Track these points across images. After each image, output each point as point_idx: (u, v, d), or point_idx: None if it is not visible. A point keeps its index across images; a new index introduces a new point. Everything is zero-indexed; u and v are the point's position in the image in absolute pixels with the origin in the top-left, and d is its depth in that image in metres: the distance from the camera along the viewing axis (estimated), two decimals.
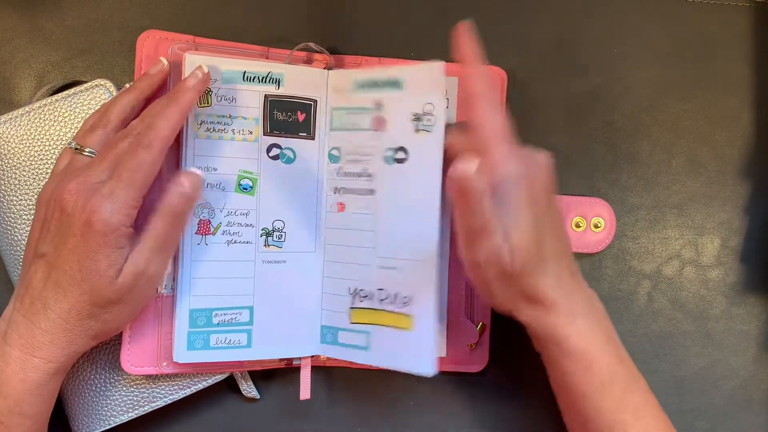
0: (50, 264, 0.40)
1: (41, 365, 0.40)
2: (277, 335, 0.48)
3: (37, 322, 0.40)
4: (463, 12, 0.52)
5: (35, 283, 0.41)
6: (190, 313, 0.46)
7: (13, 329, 0.41)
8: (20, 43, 0.50)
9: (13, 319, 0.41)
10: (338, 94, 0.48)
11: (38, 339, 0.40)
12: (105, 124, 0.43)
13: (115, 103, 0.44)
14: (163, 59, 0.45)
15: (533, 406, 0.52)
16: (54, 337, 0.40)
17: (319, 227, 0.48)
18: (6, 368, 0.40)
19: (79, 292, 0.40)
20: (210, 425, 0.51)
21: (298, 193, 0.48)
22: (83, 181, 0.40)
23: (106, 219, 0.39)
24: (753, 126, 0.53)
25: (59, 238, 0.40)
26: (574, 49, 0.53)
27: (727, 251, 0.53)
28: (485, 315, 0.51)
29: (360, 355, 0.47)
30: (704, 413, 0.52)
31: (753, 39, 0.53)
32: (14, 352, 0.40)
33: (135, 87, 0.45)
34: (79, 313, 0.40)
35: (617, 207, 0.53)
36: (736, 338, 0.53)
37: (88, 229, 0.39)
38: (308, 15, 0.52)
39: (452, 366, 0.51)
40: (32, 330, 0.40)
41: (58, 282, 0.40)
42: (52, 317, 0.40)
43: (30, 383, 0.40)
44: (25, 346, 0.40)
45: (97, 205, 0.39)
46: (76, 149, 0.43)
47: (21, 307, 0.41)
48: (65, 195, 0.40)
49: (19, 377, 0.40)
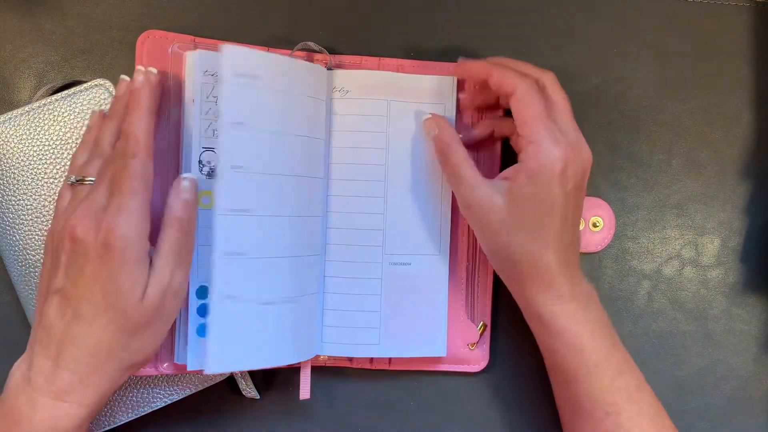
0: (68, 297, 0.39)
1: (72, 411, 0.38)
2: None
3: (63, 363, 0.38)
4: (462, 12, 0.52)
5: (54, 322, 0.39)
6: None
7: (37, 374, 0.38)
8: (20, 43, 0.50)
9: (36, 362, 0.38)
10: (342, 95, 0.48)
11: (66, 381, 0.38)
12: (101, 153, 0.43)
13: (104, 131, 0.44)
14: (124, 76, 0.45)
15: (533, 406, 0.52)
16: (83, 378, 0.38)
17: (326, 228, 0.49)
18: (33, 416, 0.37)
19: (105, 321, 0.38)
20: (210, 425, 0.51)
21: None
22: (87, 207, 0.39)
23: (124, 234, 0.38)
24: (753, 126, 0.53)
25: (74, 269, 0.39)
26: (574, 49, 0.53)
27: (727, 251, 0.53)
28: (485, 315, 0.51)
29: (372, 350, 0.48)
30: (704, 413, 0.52)
31: (753, 39, 0.53)
32: (42, 399, 0.37)
33: (113, 111, 0.45)
34: (108, 345, 0.38)
35: (617, 207, 0.53)
36: (736, 338, 0.53)
37: (106, 251, 0.38)
38: (308, 15, 0.52)
39: (452, 366, 0.51)
40: (59, 373, 0.38)
41: (80, 315, 0.38)
42: (79, 355, 0.38)
43: (60, 431, 0.38)
44: (54, 391, 0.38)
45: (110, 223, 0.38)
46: (76, 182, 0.43)
47: (42, 350, 0.38)
48: (72, 223, 0.39)
49: (48, 425, 0.37)
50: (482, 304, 0.50)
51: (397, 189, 0.48)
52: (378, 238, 0.48)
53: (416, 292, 0.49)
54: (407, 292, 0.49)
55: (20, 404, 0.38)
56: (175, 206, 0.41)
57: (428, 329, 0.49)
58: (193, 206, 0.42)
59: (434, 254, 0.49)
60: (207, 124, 0.45)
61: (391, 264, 0.48)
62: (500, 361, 0.52)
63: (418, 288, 0.49)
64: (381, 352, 0.48)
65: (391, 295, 0.48)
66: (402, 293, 0.48)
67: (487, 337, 0.51)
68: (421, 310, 0.49)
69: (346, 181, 0.48)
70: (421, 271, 0.49)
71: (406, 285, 0.48)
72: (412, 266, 0.48)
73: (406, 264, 0.48)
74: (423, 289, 0.49)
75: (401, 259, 0.48)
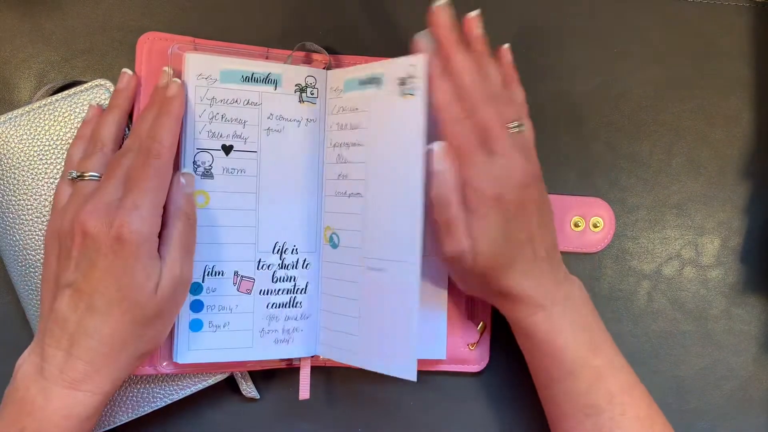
0: (80, 291, 0.39)
1: (87, 399, 0.39)
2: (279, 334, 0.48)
3: (76, 354, 0.38)
4: (462, 12, 0.52)
5: (67, 314, 0.39)
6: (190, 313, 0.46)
7: (51, 364, 0.39)
8: (20, 43, 0.50)
9: (48, 353, 0.39)
10: (335, 94, 0.48)
11: (80, 370, 0.38)
12: (101, 147, 0.44)
13: (102, 126, 0.45)
14: (127, 70, 0.46)
15: (533, 406, 0.52)
16: (97, 367, 0.39)
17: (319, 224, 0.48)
18: (47, 405, 0.38)
19: (119, 312, 0.39)
20: (210, 425, 0.51)
21: None
22: (99, 201, 0.40)
23: (138, 229, 0.39)
24: (753, 126, 0.53)
25: (86, 263, 0.39)
26: (574, 49, 0.53)
27: (727, 251, 0.53)
28: (485, 315, 0.51)
29: (351, 357, 0.47)
30: (704, 413, 0.52)
31: (753, 39, 0.53)
32: (56, 389, 0.38)
33: (113, 106, 0.46)
34: (122, 336, 0.39)
35: (617, 207, 0.53)
36: (736, 338, 0.53)
37: (120, 245, 0.38)
38: (308, 15, 0.52)
39: (452, 366, 0.51)
40: (73, 363, 0.38)
41: (94, 308, 0.39)
42: (94, 345, 0.38)
43: (74, 419, 0.38)
44: (68, 380, 0.38)
45: (124, 218, 0.39)
46: (77, 177, 0.43)
47: (53, 342, 0.39)
48: (84, 218, 0.39)
49: (62, 414, 0.38)
50: (482, 304, 0.50)
51: (376, 188, 0.45)
52: (357, 240, 0.46)
53: (388, 302, 0.44)
54: (380, 300, 0.45)
55: (32, 394, 0.38)
56: (181, 200, 0.42)
57: (397, 345, 0.44)
58: (193, 200, 0.44)
59: (407, 261, 0.43)
60: (201, 126, 0.45)
61: (369, 269, 0.45)
62: (500, 361, 0.52)
63: (391, 298, 0.44)
64: (357, 361, 0.46)
65: (368, 302, 0.45)
66: (376, 302, 0.45)
67: (487, 337, 0.51)
68: (391, 322, 0.44)
69: (338, 181, 0.48)
70: (394, 279, 0.44)
71: (379, 293, 0.45)
72: (385, 272, 0.44)
73: (380, 270, 0.44)
74: (394, 300, 0.44)
75: (377, 264, 0.45)
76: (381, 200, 0.45)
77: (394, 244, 0.44)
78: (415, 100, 0.43)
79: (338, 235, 0.47)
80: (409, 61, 0.43)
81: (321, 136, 0.48)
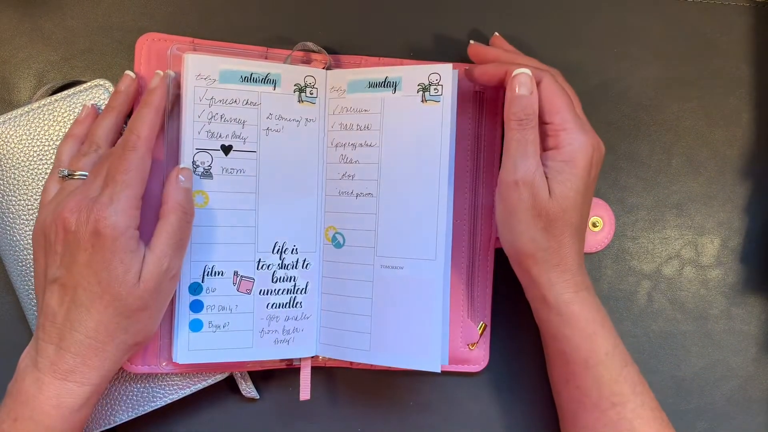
0: (65, 285, 0.40)
1: (75, 389, 0.40)
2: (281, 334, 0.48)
3: (65, 346, 0.40)
4: (462, 12, 0.52)
5: (54, 309, 0.40)
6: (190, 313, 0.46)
7: (42, 356, 0.40)
8: (20, 43, 0.50)
9: (41, 347, 0.40)
10: (336, 94, 0.48)
11: (69, 363, 0.40)
12: (96, 148, 0.44)
13: (99, 126, 0.45)
14: (129, 72, 0.46)
15: (533, 406, 0.52)
16: (86, 359, 0.40)
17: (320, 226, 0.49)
18: (39, 395, 0.39)
19: (102, 305, 0.40)
20: (210, 425, 0.51)
21: None
22: (81, 198, 0.40)
23: (114, 223, 0.39)
24: (753, 126, 0.53)
25: (69, 258, 0.40)
26: (574, 49, 0.53)
27: (727, 251, 0.53)
28: (485, 315, 0.51)
29: (362, 355, 0.47)
30: (704, 413, 0.52)
31: (753, 39, 0.53)
32: (47, 379, 0.39)
33: (111, 107, 0.46)
34: (107, 328, 0.40)
35: (617, 207, 0.53)
36: (736, 338, 0.53)
37: (97, 239, 0.39)
38: (308, 15, 0.52)
39: (452, 366, 0.51)
40: (62, 355, 0.40)
41: (78, 301, 0.40)
42: (80, 338, 0.40)
43: (64, 409, 0.40)
44: (58, 371, 0.40)
45: (100, 212, 0.39)
46: (67, 176, 0.43)
47: (45, 336, 0.40)
48: (65, 214, 0.40)
49: (53, 403, 0.39)
50: (482, 304, 0.50)
51: (391, 189, 0.46)
52: (370, 239, 0.47)
53: (409, 298, 0.46)
54: (400, 297, 0.46)
55: (27, 385, 0.40)
56: (177, 193, 0.42)
57: (421, 340, 0.45)
58: (191, 196, 0.44)
59: (430, 259, 0.45)
60: (201, 126, 0.45)
61: (383, 267, 0.46)
62: (500, 361, 0.52)
63: (412, 294, 0.46)
64: (371, 358, 0.47)
65: (383, 299, 0.46)
66: (394, 299, 0.46)
67: (487, 337, 0.51)
68: (414, 318, 0.46)
69: (342, 181, 0.48)
70: (415, 277, 0.45)
71: (398, 290, 0.46)
72: (404, 270, 0.46)
73: (398, 268, 0.46)
74: (416, 296, 0.46)
75: (394, 262, 0.46)
76: (399, 200, 0.46)
77: (414, 243, 0.46)
78: (441, 106, 0.45)
79: (343, 234, 0.48)
80: (433, 69, 0.45)
81: (321, 136, 0.48)
